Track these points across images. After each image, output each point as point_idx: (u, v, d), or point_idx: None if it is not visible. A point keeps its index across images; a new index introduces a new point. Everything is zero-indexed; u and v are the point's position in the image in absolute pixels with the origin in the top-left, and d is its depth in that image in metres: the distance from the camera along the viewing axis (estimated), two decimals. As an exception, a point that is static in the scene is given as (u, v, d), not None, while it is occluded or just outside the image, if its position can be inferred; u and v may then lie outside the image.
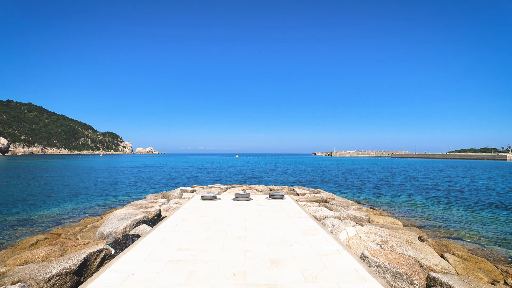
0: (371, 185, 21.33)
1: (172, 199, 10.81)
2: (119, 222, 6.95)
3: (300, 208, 8.59)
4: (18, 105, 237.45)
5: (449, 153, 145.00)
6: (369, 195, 17.06)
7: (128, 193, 16.42)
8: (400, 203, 14.84)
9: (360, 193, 17.71)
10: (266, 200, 9.81)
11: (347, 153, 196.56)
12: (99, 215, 11.38)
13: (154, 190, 17.00)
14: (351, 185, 21.57)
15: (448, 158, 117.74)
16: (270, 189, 13.74)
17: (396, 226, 8.71)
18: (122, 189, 17.69)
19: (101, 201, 14.04)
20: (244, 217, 7.12)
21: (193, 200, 9.85)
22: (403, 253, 5.51)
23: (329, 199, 11.31)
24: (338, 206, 9.74)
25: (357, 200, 15.44)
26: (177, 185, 19.05)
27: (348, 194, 17.20)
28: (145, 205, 9.49)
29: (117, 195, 15.53)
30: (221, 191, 12.70)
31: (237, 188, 13.43)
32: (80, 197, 15.20)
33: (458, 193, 18.23)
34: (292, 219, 7.05)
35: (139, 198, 14.05)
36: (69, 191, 17.32)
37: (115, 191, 17.04)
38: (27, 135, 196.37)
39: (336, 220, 7.21)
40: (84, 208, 12.65)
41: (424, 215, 12.06)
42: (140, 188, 18.16)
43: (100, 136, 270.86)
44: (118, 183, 21.01)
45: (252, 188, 13.87)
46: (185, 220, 6.82)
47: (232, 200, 9.70)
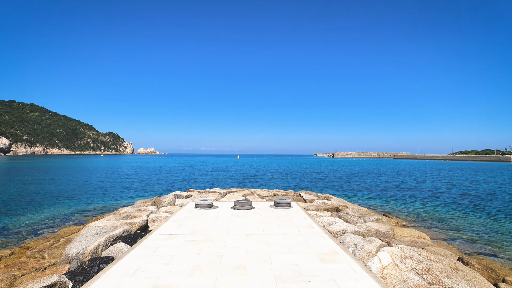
0: (379, 189, 19.94)
1: (163, 207, 9.51)
2: (91, 239, 5.65)
3: (311, 219, 7.26)
4: (21, 105, 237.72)
5: (452, 154, 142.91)
6: (379, 200, 15.69)
7: (118, 197, 15.15)
8: (415, 209, 13.49)
9: (369, 198, 16.33)
10: (270, 209, 8.49)
11: (348, 154, 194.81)
12: (82, 223, 10.13)
13: (147, 195, 15.69)
14: (357, 188, 20.19)
15: (451, 159, 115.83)
16: (273, 194, 12.40)
17: (425, 241, 7.38)
18: (112, 193, 16.41)
19: (88, 206, 12.78)
20: (244, 234, 5.80)
21: (186, 208, 8.55)
22: (453, 287, 4.17)
23: (341, 207, 9.97)
24: (353, 216, 8.40)
25: (368, 206, 14.11)
26: (172, 189, 17.74)
27: (357, 199, 15.84)
28: (130, 214, 8.20)
29: (106, 200, 14.26)
30: (219, 197, 11.39)
31: (237, 193, 12.12)
32: (67, 201, 13.94)
33: (475, 198, 16.82)
34: (304, 236, 5.72)
35: (128, 203, 12.76)
36: (56, 194, 16.07)
37: (105, 195, 15.78)
38: (29, 135, 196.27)
39: (357, 236, 5.88)
40: (68, 214, 11.40)
41: (446, 224, 10.73)
42: (132, 192, 16.88)
43: (101, 137, 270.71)
44: (110, 186, 19.75)
45: (254, 193, 12.56)
46: (171, 237, 5.51)
47: (231, 209, 8.39)
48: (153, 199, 10.89)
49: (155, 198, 10.93)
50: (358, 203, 14.18)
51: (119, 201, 14.09)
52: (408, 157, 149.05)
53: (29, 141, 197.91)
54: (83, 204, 13.20)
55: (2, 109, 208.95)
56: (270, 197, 11.63)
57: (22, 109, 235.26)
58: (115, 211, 10.81)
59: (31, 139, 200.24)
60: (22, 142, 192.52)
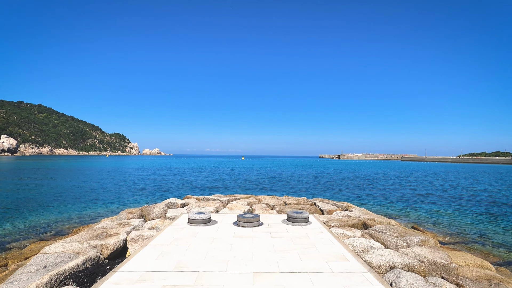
0: (395, 195, 17.90)
1: (151, 220, 7.79)
2: (33, 277, 3.95)
3: (341, 244, 5.43)
4: (29, 106, 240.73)
5: (461, 156, 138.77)
6: (400, 209, 13.72)
7: (106, 203, 13.49)
8: (444, 220, 11.57)
9: (388, 206, 14.35)
10: (283, 226, 6.67)
11: (355, 156, 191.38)
12: (59, 235, 8.50)
13: (138, 201, 13.96)
14: (371, 194, 18.19)
15: (461, 162, 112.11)
16: (284, 203, 10.58)
17: (491, 273, 5.49)
18: (101, 198, 14.76)
19: (71, 214, 11.13)
20: (251, 271, 4.01)
21: (177, 224, 6.79)
22: None
23: (368, 221, 8.10)
24: (390, 235, 6.54)
25: (389, 215, 12.20)
26: (167, 195, 15.96)
27: (374, 207, 13.91)
28: (107, 230, 6.49)
29: (92, 207, 12.60)
30: (220, 206, 9.62)
31: (241, 201, 10.33)
32: (48, 208, 12.34)
33: (507, 206, 14.74)
34: (339, 276, 3.91)
35: (113, 212, 11.08)
36: (40, 199, 14.52)
37: (93, 201, 14.15)
38: (36, 136, 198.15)
39: (413, 275, 4.05)
40: (44, 224, 9.77)
41: (490, 240, 8.89)
42: (123, 197, 15.18)
43: (107, 137, 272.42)
44: (102, 190, 18.16)
45: (261, 201, 10.76)
46: (143, 280, 3.74)
47: (234, 226, 6.61)
48: (142, 208, 9.17)
49: (144, 207, 9.20)
50: (381, 214, 12.28)
51: (106, 207, 12.44)
52: (416, 159, 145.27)
53: (37, 141, 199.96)
54: (67, 212, 11.57)
55: (11, 110, 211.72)
56: (280, 206, 9.81)
57: (30, 110, 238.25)
58: (95, 222, 9.12)
59: (39, 139, 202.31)
60: (30, 142, 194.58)
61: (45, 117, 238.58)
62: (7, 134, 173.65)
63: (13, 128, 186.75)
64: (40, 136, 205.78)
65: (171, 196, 15.84)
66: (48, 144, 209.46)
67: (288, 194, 17.31)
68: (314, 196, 16.69)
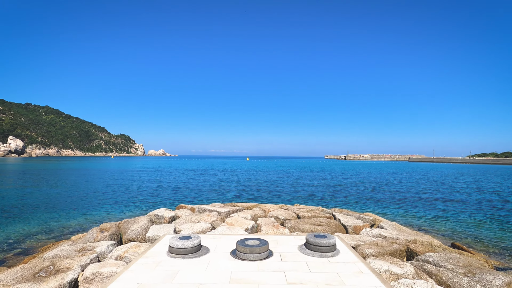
0: (414, 201, 15.68)
1: (126, 243, 5.95)
2: None
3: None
4: (36, 108, 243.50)
5: (471, 157, 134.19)
6: (427, 219, 11.60)
7: (90, 211, 11.67)
8: (486, 235, 9.46)
9: (411, 216, 12.16)
10: (302, 259, 4.71)
11: (361, 157, 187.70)
12: (24, 255, 6.69)
13: (122, 211, 11.95)
14: (386, 199, 16.02)
15: (471, 162, 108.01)
16: (296, 215, 8.62)
17: None
18: (81, 208, 12.87)
19: (48, 225, 9.35)
20: None
21: (153, 254, 4.88)
22: None
23: (411, 244, 6.10)
24: (454, 272, 4.55)
25: (420, 228, 10.15)
26: (160, 201, 13.96)
27: (397, 217, 11.83)
28: (56, 262, 4.65)
29: (74, 216, 10.80)
30: (218, 220, 7.72)
31: (244, 213, 8.40)
32: (28, 216, 10.60)
33: None
34: None
35: (93, 224, 9.26)
36: (24, 205, 12.81)
37: (79, 208, 12.38)
38: (43, 137, 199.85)
39: None
40: (14, 238, 7.99)
41: None
42: (106, 206, 13.21)
43: (113, 138, 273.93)
44: (88, 196, 16.41)
45: (268, 212, 8.83)
46: None
47: (232, 257, 4.68)
48: (120, 224, 7.32)
49: (122, 222, 7.36)
50: (410, 227, 10.22)
51: (91, 216, 10.62)
52: (424, 160, 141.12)
53: (44, 142, 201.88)
54: (46, 222, 9.79)
55: (19, 111, 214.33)
56: (292, 221, 7.84)
57: (38, 112, 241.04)
58: (64, 238, 7.27)
59: (46, 140, 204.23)
60: (37, 143, 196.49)
61: (52, 119, 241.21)
62: (15, 136, 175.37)
63: (21, 129, 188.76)
64: (47, 137, 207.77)
65: (165, 202, 13.96)
66: (55, 145, 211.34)
67: (296, 201, 15.33)
68: (326, 203, 14.68)
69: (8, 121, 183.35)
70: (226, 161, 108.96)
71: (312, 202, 14.96)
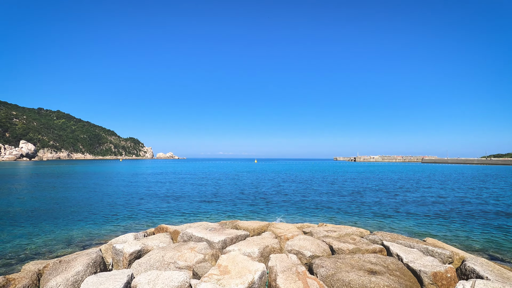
0: (460, 213, 12.43)
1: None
2: None
3: None
4: (48, 112, 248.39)
5: (487, 157, 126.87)
6: (492, 242, 8.38)
7: (45, 240, 8.91)
8: None
9: (468, 236, 8.92)
10: None
11: (371, 158, 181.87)
12: None
13: (75, 229, 9.05)
14: (421, 212, 12.74)
15: (488, 163, 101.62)
16: (329, 247, 5.69)
17: None
18: (50, 227, 10.26)
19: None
20: None
21: None
22: None
23: None
24: None
25: (489, 255, 7.01)
26: (136, 218, 10.82)
27: (451, 237, 8.67)
28: None
29: (21, 240, 8.11)
30: (207, 257, 4.88)
31: (249, 244, 5.50)
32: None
33: None
34: None
35: (16, 260, 6.51)
36: None
37: (36, 232, 9.72)
38: (55, 141, 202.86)
39: None
40: None
41: None
42: (77, 225, 10.57)
43: (122, 142, 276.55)
44: (67, 208, 13.84)
45: (283, 240, 5.94)
46: None
47: None
48: (43, 269, 4.56)
49: (50, 263, 4.59)
50: (477, 253, 7.09)
51: (41, 245, 7.86)
52: (438, 161, 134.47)
53: (55, 146, 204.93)
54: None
55: (31, 116, 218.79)
56: (325, 260, 4.88)
57: (50, 116, 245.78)
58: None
59: (57, 144, 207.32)
60: (49, 147, 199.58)
61: (63, 123, 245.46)
62: (27, 140, 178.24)
63: (33, 133, 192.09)
64: (58, 141, 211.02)
65: (145, 217, 10.91)
66: (66, 149, 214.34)
67: (314, 213, 12.32)
68: (351, 217, 11.60)
69: (21, 126, 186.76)
70: (233, 163, 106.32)
71: (333, 213, 11.95)
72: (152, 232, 7.23)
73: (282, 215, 11.74)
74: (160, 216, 11.22)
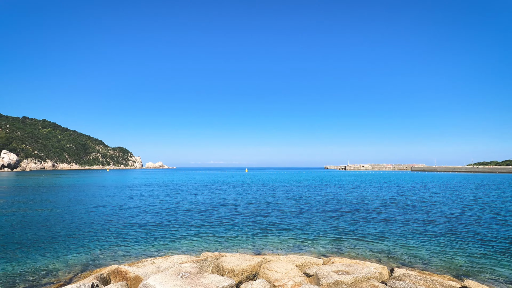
0: (456, 226, 11.13)
1: None
2: None
3: None
4: (33, 121, 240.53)
5: (474, 165, 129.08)
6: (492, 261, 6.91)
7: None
8: None
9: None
10: None
11: (361, 167, 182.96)
12: None
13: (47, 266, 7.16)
14: (437, 231, 11.38)
15: (475, 171, 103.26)
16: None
17: None
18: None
19: None
20: None
21: None
22: None
23: None
24: None
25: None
26: (102, 246, 8.75)
27: (464, 259, 7.18)
28: None
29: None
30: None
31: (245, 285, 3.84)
32: None
33: None
34: None
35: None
36: None
37: None
38: (39, 151, 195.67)
39: None
40: None
41: None
42: (25, 260, 8.63)
43: (110, 151, 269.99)
44: (22, 237, 11.71)
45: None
46: None
47: None
48: None
49: None
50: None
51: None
52: (427, 169, 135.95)
53: (39, 156, 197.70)
54: None
55: (15, 125, 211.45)
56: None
57: (35, 125, 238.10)
58: None
59: (41, 154, 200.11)
60: (33, 157, 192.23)
61: (49, 132, 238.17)
62: (10, 149, 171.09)
63: (16, 143, 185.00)
64: (43, 151, 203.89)
65: (104, 247, 8.70)
66: (51, 158, 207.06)
67: (311, 235, 10.68)
68: (359, 243, 10.00)
69: (4, 135, 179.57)
70: (224, 173, 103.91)
71: (336, 235, 10.33)
72: (105, 278, 5.41)
73: (277, 240, 10.03)
74: (120, 251, 9.06)
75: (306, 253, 8.34)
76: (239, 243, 9.46)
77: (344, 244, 9.53)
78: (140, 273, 5.19)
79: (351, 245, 9.39)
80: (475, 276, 6.64)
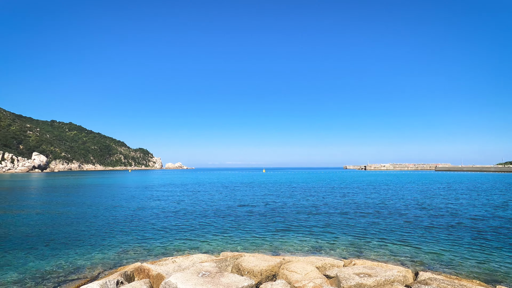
0: (485, 230, 10.38)
1: None
2: None
3: None
4: (61, 124, 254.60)
5: (504, 165, 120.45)
6: None
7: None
8: None
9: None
10: None
11: (382, 167, 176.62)
12: None
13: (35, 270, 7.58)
14: (447, 233, 10.74)
15: (506, 171, 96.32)
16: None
17: None
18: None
19: None
20: None
21: None
22: None
23: None
24: None
25: None
26: (123, 245, 8.89)
27: (496, 264, 6.68)
28: None
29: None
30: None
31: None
32: None
33: None
34: None
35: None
36: None
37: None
38: (66, 153, 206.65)
39: None
40: None
41: None
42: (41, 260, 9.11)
43: (132, 152, 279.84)
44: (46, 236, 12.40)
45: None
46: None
47: None
48: None
49: None
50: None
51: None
52: (452, 169, 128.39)
53: (67, 158, 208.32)
54: None
55: (45, 128, 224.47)
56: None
57: (62, 128, 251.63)
58: None
59: (68, 156, 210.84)
60: (60, 159, 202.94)
61: (75, 135, 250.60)
62: (40, 152, 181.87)
63: (46, 145, 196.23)
64: (70, 152, 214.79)
65: (118, 246, 8.93)
66: (77, 160, 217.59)
67: (330, 235, 10.47)
68: (376, 240, 9.70)
69: (34, 138, 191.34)
70: (241, 173, 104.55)
71: (356, 236, 10.09)
72: (129, 275, 5.63)
73: (295, 241, 9.96)
74: (150, 243, 9.60)
75: (325, 255, 8.21)
76: (258, 244, 9.49)
77: (365, 246, 9.27)
78: (162, 271, 5.36)
79: (372, 247, 9.12)
80: (509, 283, 6.23)
